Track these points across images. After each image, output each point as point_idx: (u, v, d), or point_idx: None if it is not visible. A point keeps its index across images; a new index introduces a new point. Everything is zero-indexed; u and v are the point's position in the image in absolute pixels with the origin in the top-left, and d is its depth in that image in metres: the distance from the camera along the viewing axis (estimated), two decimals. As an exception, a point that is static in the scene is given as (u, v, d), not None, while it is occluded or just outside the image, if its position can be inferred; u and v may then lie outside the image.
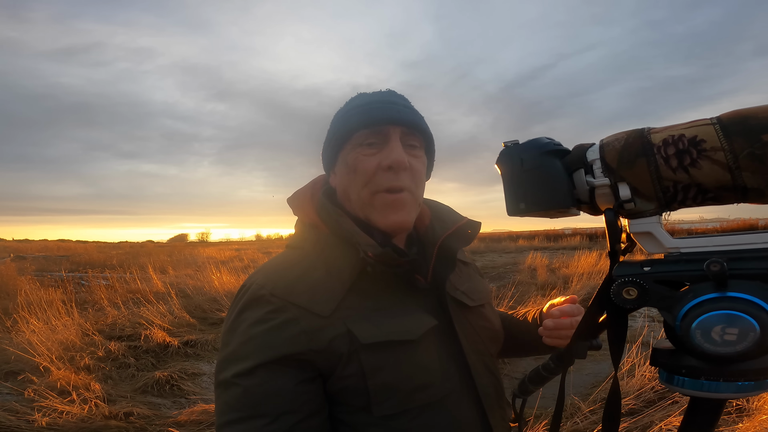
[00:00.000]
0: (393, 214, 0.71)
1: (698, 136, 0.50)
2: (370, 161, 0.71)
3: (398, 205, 0.71)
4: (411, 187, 0.73)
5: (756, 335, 0.45)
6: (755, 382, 0.49)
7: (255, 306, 0.66)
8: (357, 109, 0.74)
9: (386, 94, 0.77)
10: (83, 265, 14.75)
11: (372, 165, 0.71)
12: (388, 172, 0.71)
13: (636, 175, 0.54)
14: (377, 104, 0.73)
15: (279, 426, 0.61)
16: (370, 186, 0.71)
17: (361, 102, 0.75)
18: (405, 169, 0.71)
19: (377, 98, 0.75)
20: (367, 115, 0.72)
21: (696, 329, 0.48)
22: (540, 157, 0.60)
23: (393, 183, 0.71)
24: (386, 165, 0.70)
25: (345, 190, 0.75)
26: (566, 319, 0.82)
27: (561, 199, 0.58)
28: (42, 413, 3.17)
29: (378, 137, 0.72)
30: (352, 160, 0.73)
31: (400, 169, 0.71)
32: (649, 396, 3.08)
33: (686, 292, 0.51)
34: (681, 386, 0.52)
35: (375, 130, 0.72)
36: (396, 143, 0.72)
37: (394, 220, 0.71)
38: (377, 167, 0.71)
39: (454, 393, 0.71)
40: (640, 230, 0.57)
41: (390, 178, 0.71)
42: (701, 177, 0.50)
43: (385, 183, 0.71)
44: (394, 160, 0.70)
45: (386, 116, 0.72)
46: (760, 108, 0.48)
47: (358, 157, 0.72)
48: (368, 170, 0.71)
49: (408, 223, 0.73)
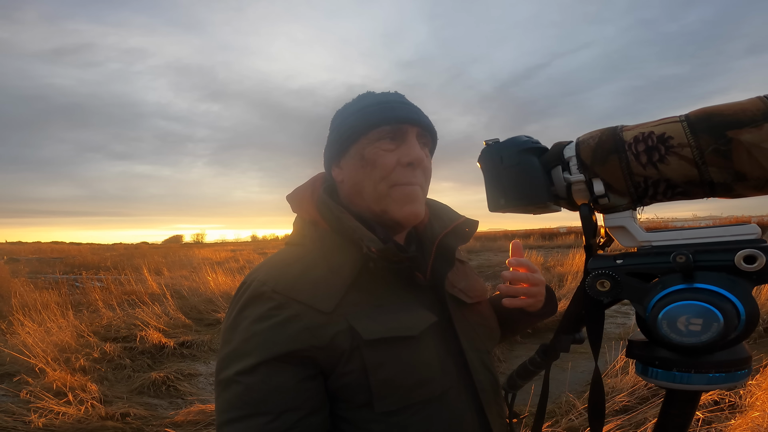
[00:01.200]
0: (409, 204, 0.74)
1: (666, 133, 0.52)
2: (390, 157, 0.73)
3: (414, 196, 0.74)
4: (423, 183, 0.76)
5: (719, 326, 0.47)
6: (726, 374, 0.50)
7: (257, 303, 0.66)
8: (377, 105, 0.76)
9: (399, 95, 0.80)
10: (77, 267, 14.67)
11: (392, 160, 0.73)
12: (407, 168, 0.73)
13: (609, 171, 0.56)
14: (397, 104, 0.76)
15: (281, 424, 0.61)
16: (388, 180, 0.73)
17: (378, 100, 0.77)
18: (421, 166, 0.75)
19: (394, 98, 0.78)
20: (390, 113, 0.74)
21: (662, 320, 0.50)
22: (519, 154, 0.62)
23: (410, 179, 0.74)
24: (406, 162, 0.73)
25: (357, 182, 0.76)
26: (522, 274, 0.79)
27: (539, 194, 0.61)
28: (38, 414, 3.17)
29: (397, 134, 0.75)
30: (370, 154, 0.74)
31: (418, 165, 0.74)
32: (642, 393, 3.10)
33: (656, 284, 0.53)
34: (655, 378, 0.54)
35: (395, 128, 0.74)
36: (414, 141, 0.75)
37: (410, 210, 0.73)
38: (396, 163, 0.73)
39: (453, 389, 0.71)
40: (615, 224, 0.59)
41: (407, 174, 0.73)
42: (669, 172, 0.53)
43: (402, 178, 0.73)
44: (415, 157, 0.73)
45: (406, 116, 0.74)
46: (725, 105, 0.51)
47: (378, 151, 0.74)
48: (388, 165, 0.73)
49: (421, 215, 0.76)
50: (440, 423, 0.68)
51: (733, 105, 0.50)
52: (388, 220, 0.75)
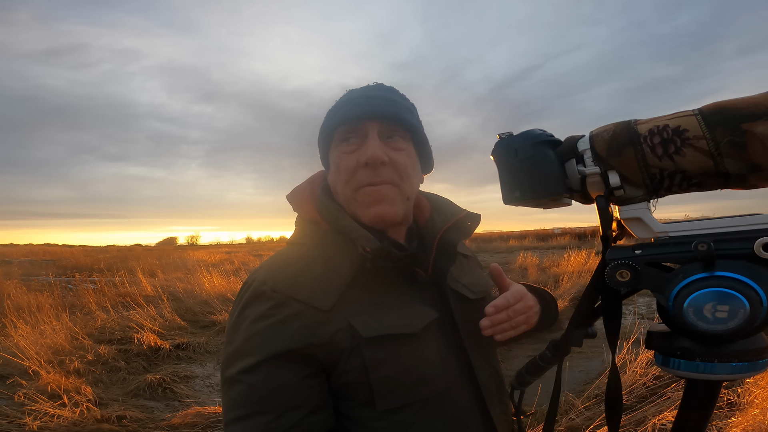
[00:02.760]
0: (374, 206, 0.71)
1: (681, 126, 0.53)
2: (350, 159, 0.72)
3: (379, 196, 0.71)
4: (395, 180, 0.72)
5: (746, 312, 0.47)
6: (749, 363, 0.51)
7: (257, 302, 0.66)
8: (338, 106, 0.75)
9: (370, 89, 0.77)
10: (70, 269, 14.54)
11: (352, 162, 0.71)
12: (366, 168, 0.70)
13: (624, 164, 0.56)
14: (356, 100, 0.74)
15: (284, 422, 0.61)
16: (351, 183, 0.72)
17: (344, 99, 0.76)
18: (384, 164, 0.71)
19: (358, 94, 0.75)
20: (347, 111, 0.73)
21: (688, 307, 0.50)
22: (533, 147, 0.62)
23: (372, 179, 0.71)
24: (362, 162, 0.70)
25: (333, 187, 0.76)
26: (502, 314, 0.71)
27: (554, 186, 0.61)
28: (33, 417, 3.13)
29: (356, 133, 0.73)
30: (335, 159, 0.74)
31: (378, 165, 0.70)
32: (641, 392, 3.11)
33: (676, 273, 0.53)
34: (677, 368, 0.54)
35: (352, 126, 0.72)
36: (373, 139, 0.71)
37: (375, 212, 0.71)
38: (357, 164, 0.71)
39: (455, 386, 0.71)
40: (630, 216, 0.60)
41: (369, 174, 0.71)
42: (685, 164, 0.53)
43: (364, 180, 0.71)
44: (369, 156, 0.69)
45: (362, 111, 0.71)
46: (738, 100, 0.52)
47: (340, 155, 0.73)
48: (349, 168, 0.71)
49: (391, 215, 0.72)
50: (443, 421, 0.68)
51: (745, 99, 0.52)
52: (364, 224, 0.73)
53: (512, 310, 0.72)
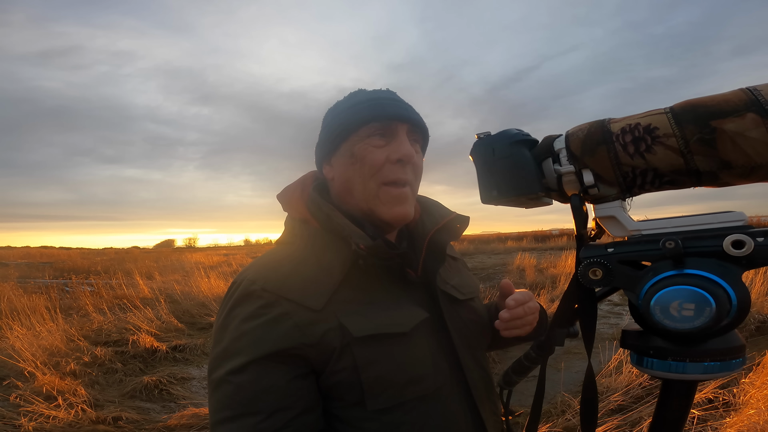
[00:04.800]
0: (397, 207, 0.74)
1: (652, 124, 0.53)
2: (379, 153, 0.73)
3: (403, 198, 0.74)
4: (412, 181, 0.76)
5: (712, 311, 0.47)
6: (721, 363, 0.50)
7: (247, 301, 0.66)
8: (367, 102, 0.76)
9: (391, 93, 0.80)
10: (67, 272, 14.48)
11: (381, 157, 0.73)
12: (396, 165, 0.73)
13: (598, 162, 0.57)
14: (387, 101, 0.76)
15: (273, 423, 0.61)
16: (377, 177, 0.73)
17: (369, 97, 0.77)
18: (411, 163, 0.74)
19: (385, 95, 0.78)
20: (380, 110, 0.74)
21: (655, 305, 0.50)
22: (510, 147, 0.63)
23: (399, 176, 0.73)
24: (395, 158, 0.73)
25: (347, 180, 0.76)
26: (520, 309, 0.76)
27: (530, 185, 0.62)
28: (28, 418, 3.12)
29: (387, 131, 0.74)
30: (360, 151, 0.74)
31: (408, 162, 0.74)
32: (637, 392, 3.11)
33: (647, 271, 0.54)
34: (650, 368, 0.54)
35: (385, 124, 0.74)
36: (404, 138, 0.75)
37: (398, 212, 0.74)
38: (385, 160, 0.73)
39: (445, 386, 0.71)
40: (605, 214, 0.60)
41: (397, 170, 0.73)
42: (656, 162, 0.54)
43: (391, 175, 0.73)
44: (404, 153, 0.73)
45: (396, 112, 0.74)
46: (708, 97, 0.52)
47: (367, 148, 0.74)
48: (377, 162, 0.73)
49: (409, 215, 0.76)
50: (434, 420, 0.68)
51: (716, 96, 0.52)
52: (376, 220, 0.75)
53: (527, 306, 0.76)
